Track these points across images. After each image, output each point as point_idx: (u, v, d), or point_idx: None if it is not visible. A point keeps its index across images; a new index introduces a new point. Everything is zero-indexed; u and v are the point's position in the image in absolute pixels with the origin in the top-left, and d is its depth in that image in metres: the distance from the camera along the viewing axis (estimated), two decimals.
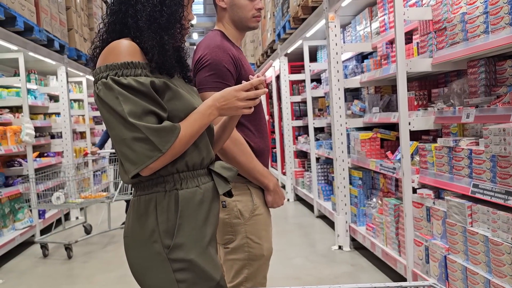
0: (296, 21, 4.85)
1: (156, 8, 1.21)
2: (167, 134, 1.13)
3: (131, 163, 1.14)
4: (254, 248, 1.66)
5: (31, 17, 4.30)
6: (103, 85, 1.15)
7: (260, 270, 1.69)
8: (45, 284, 3.41)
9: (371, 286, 1.09)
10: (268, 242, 1.72)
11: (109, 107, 1.14)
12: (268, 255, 1.71)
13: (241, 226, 1.66)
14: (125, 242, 1.27)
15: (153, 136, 1.12)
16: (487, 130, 1.95)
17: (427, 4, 2.71)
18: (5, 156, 4.69)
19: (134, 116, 1.12)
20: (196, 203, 1.24)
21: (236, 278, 1.67)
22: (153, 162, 1.13)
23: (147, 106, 1.14)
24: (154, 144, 1.12)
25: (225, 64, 1.62)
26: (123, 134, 1.12)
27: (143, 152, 1.12)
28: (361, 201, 3.70)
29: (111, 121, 1.14)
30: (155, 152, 1.12)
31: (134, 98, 1.13)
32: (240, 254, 1.66)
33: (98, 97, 1.17)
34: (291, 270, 3.38)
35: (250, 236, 1.66)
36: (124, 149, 1.13)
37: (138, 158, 1.13)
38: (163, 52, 1.22)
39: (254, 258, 1.67)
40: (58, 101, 5.83)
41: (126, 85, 1.14)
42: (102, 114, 1.18)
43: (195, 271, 1.21)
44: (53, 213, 5.23)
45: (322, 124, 5.14)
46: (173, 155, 1.17)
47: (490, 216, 2.02)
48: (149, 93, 1.15)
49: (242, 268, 1.67)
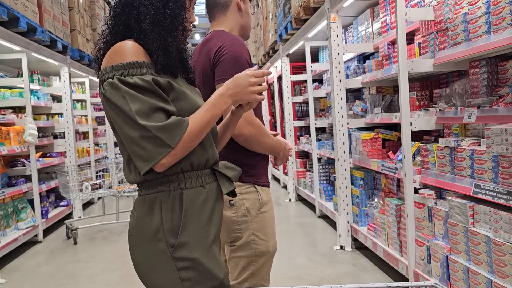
0: (298, 22, 4.85)
1: (160, 11, 1.22)
2: (174, 129, 1.14)
3: (142, 160, 1.15)
4: (260, 245, 1.69)
5: (34, 17, 4.32)
6: (110, 85, 1.16)
7: (265, 266, 1.72)
8: (48, 284, 3.43)
9: (373, 286, 1.09)
10: (273, 239, 1.74)
11: (116, 106, 1.15)
12: (273, 251, 1.74)
13: (248, 224, 1.68)
14: (129, 240, 1.28)
15: (161, 133, 1.13)
16: (489, 130, 1.95)
17: (429, 4, 2.72)
18: (8, 156, 4.71)
19: (142, 115, 1.12)
20: (200, 202, 1.25)
21: (241, 275, 1.70)
22: (164, 157, 1.14)
23: (154, 103, 1.14)
24: (163, 140, 1.13)
25: (246, 57, 1.66)
26: (132, 133, 1.13)
27: (153, 149, 1.13)
28: (362, 201, 3.70)
29: (119, 121, 1.16)
30: (165, 148, 1.13)
31: (141, 97, 1.14)
32: (246, 251, 1.68)
33: (105, 97, 1.18)
34: (292, 270, 3.38)
35: (257, 233, 1.69)
36: (134, 147, 1.15)
37: (148, 155, 1.14)
38: (167, 53, 1.23)
39: (260, 254, 1.69)
40: (61, 102, 5.85)
41: (133, 84, 1.15)
42: (109, 114, 1.19)
43: (199, 270, 1.22)
44: (56, 213, 5.24)
45: (324, 124, 5.14)
46: (184, 148, 1.17)
47: (492, 217, 2.02)
48: (155, 90, 1.16)
49: (248, 264, 1.69)
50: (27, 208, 4.54)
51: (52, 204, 5.46)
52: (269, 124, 8.20)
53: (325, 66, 5.18)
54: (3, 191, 4.06)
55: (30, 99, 4.65)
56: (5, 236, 4.10)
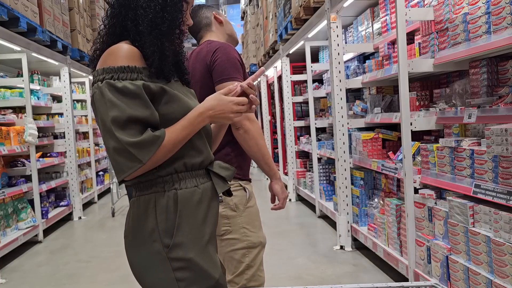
0: (298, 22, 4.85)
1: (158, 14, 1.22)
2: (147, 146, 1.15)
3: (116, 171, 1.18)
4: (251, 237, 1.81)
5: (34, 18, 4.32)
6: (98, 89, 1.17)
7: (258, 257, 1.83)
8: (48, 284, 3.43)
9: (373, 286, 1.09)
10: (261, 231, 1.87)
11: (99, 112, 1.17)
12: (264, 242, 1.86)
13: (237, 218, 1.80)
14: (125, 242, 1.28)
15: (133, 148, 1.14)
16: (489, 130, 1.95)
17: (429, 4, 2.71)
18: (9, 156, 4.71)
19: (118, 125, 1.13)
20: (195, 202, 1.26)
21: (237, 268, 1.80)
22: (134, 171, 1.16)
23: (133, 114, 1.14)
24: (134, 156, 1.14)
25: (239, 59, 1.82)
26: (108, 143, 1.16)
27: (124, 163, 1.15)
28: (362, 201, 3.70)
29: (100, 126, 1.19)
30: (135, 163, 1.15)
31: (122, 105, 1.14)
32: (239, 244, 1.80)
33: (93, 100, 1.20)
34: (293, 270, 3.38)
35: (246, 226, 1.81)
36: (109, 157, 1.18)
37: (120, 168, 1.16)
38: (163, 57, 1.23)
39: (252, 245, 1.81)
40: (61, 102, 5.85)
41: (121, 88, 1.15)
42: (95, 117, 1.22)
43: (195, 270, 1.22)
44: (56, 213, 5.24)
45: (324, 124, 5.14)
46: (154, 163, 1.19)
47: (492, 217, 2.02)
48: (142, 97, 1.16)
49: (242, 256, 1.80)
50: (27, 208, 4.54)
51: (52, 204, 5.46)
52: (269, 124, 8.20)
53: (325, 66, 5.18)
54: (3, 191, 4.06)
55: (30, 99, 4.65)
56: (5, 236, 4.10)
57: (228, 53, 1.80)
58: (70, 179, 5.78)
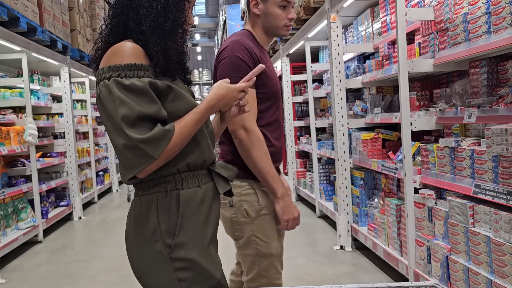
0: (298, 22, 4.85)
1: (160, 14, 1.22)
2: (158, 140, 1.14)
3: (125, 168, 1.17)
4: (261, 246, 1.70)
5: (34, 18, 4.32)
6: (105, 87, 1.16)
7: (271, 268, 1.73)
8: (48, 284, 3.43)
9: (373, 286, 1.09)
10: (275, 241, 1.74)
11: (107, 110, 1.16)
12: (277, 253, 1.74)
13: (248, 225, 1.70)
14: (126, 241, 1.28)
15: (144, 145, 1.13)
16: (489, 130, 1.95)
17: (429, 4, 2.71)
18: (8, 156, 4.71)
19: (128, 123, 1.12)
20: (197, 202, 1.26)
21: (250, 272, 1.74)
22: (147, 167, 1.15)
23: (142, 111, 1.14)
24: (146, 151, 1.13)
25: (239, 54, 1.66)
26: (117, 140, 1.15)
27: (135, 159, 1.14)
28: (363, 201, 3.70)
29: (108, 124, 1.17)
30: (147, 158, 1.14)
31: (130, 103, 1.13)
32: (249, 250, 1.72)
33: (99, 98, 1.18)
34: (293, 270, 3.38)
35: (257, 235, 1.70)
36: (118, 154, 1.17)
37: (131, 164, 1.15)
38: (167, 57, 1.24)
39: (262, 255, 1.71)
40: (61, 102, 5.85)
41: (129, 86, 1.15)
42: (101, 115, 1.20)
43: (196, 270, 1.22)
44: (56, 213, 5.24)
45: (324, 124, 5.14)
46: (167, 157, 1.18)
47: (492, 217, 2.02)
48: (150, 94, 1.16)
49: (253, 263, 1.72)
50: (27, 208, 4.54)
51: (52, 204, 5.46)
52: None
53: (325, 66, 5.18)
54: (3, 191, 4.06)
55: (30, 99, 4.65)
56: (5, 236, 4.10)
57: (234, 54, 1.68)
58: (70, 179, 5.78)
